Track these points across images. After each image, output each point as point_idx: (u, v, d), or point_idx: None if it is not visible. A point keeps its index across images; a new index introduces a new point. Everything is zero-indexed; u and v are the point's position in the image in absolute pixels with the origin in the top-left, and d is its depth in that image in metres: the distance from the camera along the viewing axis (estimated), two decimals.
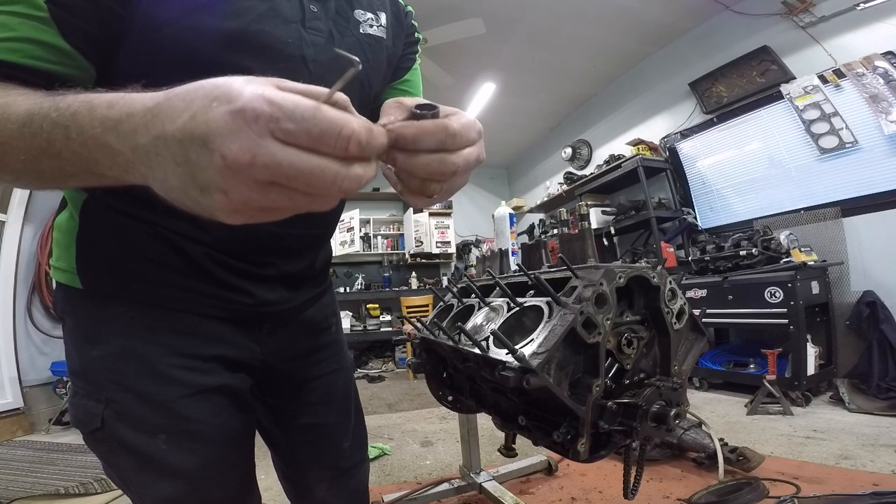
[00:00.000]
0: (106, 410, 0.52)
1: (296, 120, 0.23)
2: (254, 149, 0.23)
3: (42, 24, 0.40)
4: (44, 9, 0.39)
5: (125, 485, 0.56)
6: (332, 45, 0.57)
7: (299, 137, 0.24)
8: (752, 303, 2.50)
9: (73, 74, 0.44)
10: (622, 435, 0.54)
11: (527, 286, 0.68)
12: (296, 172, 0.24)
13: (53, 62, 0.41)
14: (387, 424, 2.57)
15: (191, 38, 0.47)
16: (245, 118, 0.23)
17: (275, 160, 0.23)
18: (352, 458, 0.76)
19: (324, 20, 0.57)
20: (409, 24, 0.73)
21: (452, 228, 5.56)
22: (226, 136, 0.23)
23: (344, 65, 0.27)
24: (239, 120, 0.23)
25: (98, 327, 0.54)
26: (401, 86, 0.75)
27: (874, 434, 1.81)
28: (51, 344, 2.98)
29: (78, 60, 0.43)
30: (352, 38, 0.60)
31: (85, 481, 1.77)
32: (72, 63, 0.43)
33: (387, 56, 0.67)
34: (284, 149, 0.23)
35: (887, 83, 2.42)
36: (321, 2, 0.57)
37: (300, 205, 0.26)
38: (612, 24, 3.39)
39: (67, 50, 0.42)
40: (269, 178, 0.24)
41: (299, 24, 0.54)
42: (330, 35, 0.57)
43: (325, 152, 0.25)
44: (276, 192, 0.25)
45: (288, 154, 0.23)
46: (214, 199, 0.25)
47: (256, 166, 0.23)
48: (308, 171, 0.24)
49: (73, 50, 0.42)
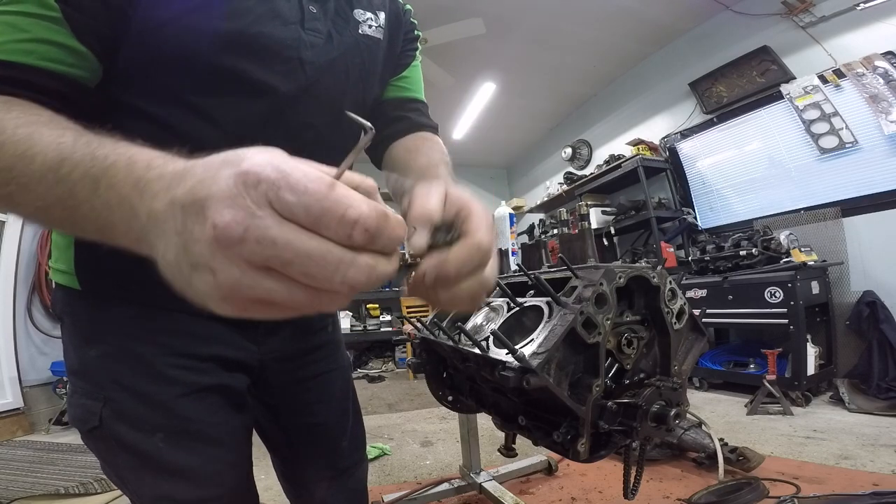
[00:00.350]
0: (104, 409, 0.52)
1: (297, 192, 0.20)
2: (247, 220, 0.20)
3: (55, 25, 0.38)
4: (56, 8, 0.38)
5: (123, 483, 0.56)
6: (331, 45, 0.57)
7: (298, 214, 0.20)
8: (752, 303, 2.50)
9: (87, 77, 0.43)
10: (622, 435, 0.54)
11: (527, 286, 0.68)
12: (291, 255, 0.20)
13: (69, 64, 0.41)
14: (387, 424, 2.57)
15: (190, 38, 0.47)
16: (246, 182, 0.20)
17: (268, 235, 0.20)
18: (350, 457, 0.76)
19: (323, 21, 0.57)
20: (408, 22, 0.73)
21: None
22: (222, 202, 0.20)
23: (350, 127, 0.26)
24: (240, 184, 0.20)
25: (96, 327, 0.54)
26: (399, 82, 0.74)
27: (874, 434, 1.81)
28: (51, 344, 2.98)
29: (91, 62, 0.43)
30: (350, 39, 0.60)
31: (85, 481, 1.77)
32: (86, 65, 0.42)
33: (384, 56, 0.67)
34: (281, 225, 0.20)
35: (887, 83, 2.42)
36: (321, 2, 0.57)
37: (299, 300, 0.22)
38: (612, 24, 3.39)
39: (81, 51, 0.41)
40: (262, 259, 0.20)
41: (298, 25, 0.54)
42: (329, 36, 0.57)
43: (326, 236, 0.21)
44: (270, 281, 0.21)
45: (284, 231, 0.20)
46: (203, 279, 0.21)
47: (247, 242, 0.20)
48: (305, 254, 0.20)
49: (87, 51, 0.41)
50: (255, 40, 0.50)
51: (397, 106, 0.74)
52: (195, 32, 0.47)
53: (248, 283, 0.21)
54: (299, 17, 0.54)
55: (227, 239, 0.20)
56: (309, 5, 0.55)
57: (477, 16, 3.02)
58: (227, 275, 0.21)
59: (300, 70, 0.54)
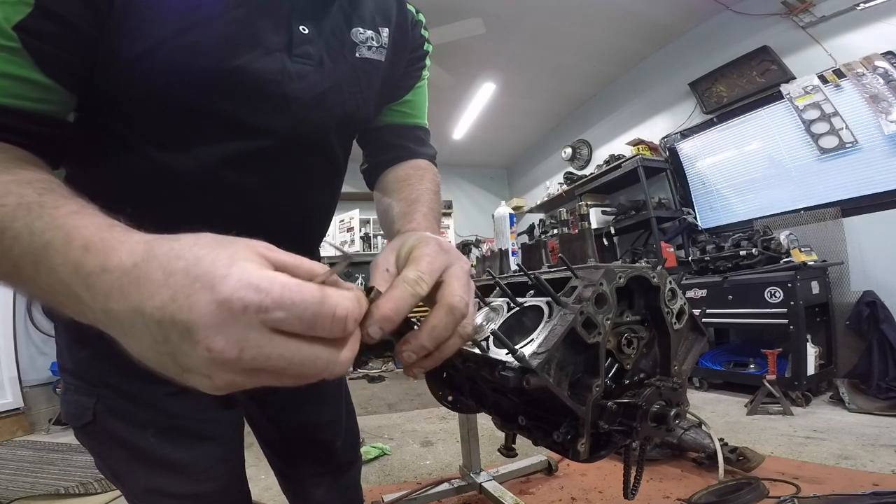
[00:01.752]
0: (97, 405, 0.53)
1: (285, 307, 0.21)
2: (242, 342, 0.21)
3: (14, 56, 0.35)
4: (14, 38, 0.34)
5: (116, 478, 0.57)
6: (323, 72, 0.52)
7: (292, 325, 0.22)
8: (752, 303, 2.50)
9: (57, 111, 0.40)
10: (622, 435, 0.54)
11: (527, 286, 0.68)
12: (286, 364, 0.22)
13: (35, 99, 0.37)
14: (387, 424, 2.57)
15: (162, 76, 0.43)
16: (232, 310, 0.21)
17: (263, 353, 0.22)
18: (344, 456, 0.77)
19: (315, 43, 0.51)
20: (417, 37, 0.67)
21: (452, 228, 5.57)
22: (211, 328, 0.21)
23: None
24: (225, 312, 0.21)
25: (85, 330, 0.54)
26: (401, 107, 0.71)
27: (874, 434, 1.81)
28: (51, 344, 2.97)
29: (58, 94, 0.39)
30: (345, 65, 0.55)
31: (85, 481, 1.77)
32: (54, 98, 0.38)
33: (383, 78, 0.62)
34: (273, 340, 0.22)
35: (887, 83, 2.42)
36: (314, 22, 0.51)
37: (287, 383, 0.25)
38: (612, 24, 3.39)
39: (46, 83, 0.37)
40: (257, 367, 0.22)
41: (284, 53, 0.48)
42: (320, 63, 0.52)
43: (321, 336, 0.23)
44: (263, 377, 0.23)
45: (276, 346, 0.22)
46: (197, 380, 0.23)
47: (244, 360, 0.21)
48: (298, 363, 0.23)
49: (53, 83, 0.37)
50: (233, 76, 0.45)
51: (398, 133, 0.71)
52: (168, 70, 0.42)
53: (242, 380, 0.23)
54: (286, 43, 0.48)
55: (223, 361, 0.21)
56: (299, 26, 0.49)
57: (477, 16, 3.02)
58: (224, 379, 0.22)
59: (285, 109, 0.50)
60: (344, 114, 0.57)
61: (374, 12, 0.59)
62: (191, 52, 0.43)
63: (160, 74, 0.43)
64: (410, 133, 0.72)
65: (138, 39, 0.41)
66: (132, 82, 0.43)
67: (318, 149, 0.58)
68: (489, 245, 5.24)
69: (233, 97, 0.47)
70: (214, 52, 0.44)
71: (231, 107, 0.47)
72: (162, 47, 0.42)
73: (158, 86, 0.43)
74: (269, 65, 0.47)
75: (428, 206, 0.60)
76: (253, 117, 0.49)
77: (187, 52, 0.43)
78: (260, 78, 0.47)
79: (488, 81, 4.09)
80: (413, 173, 0.68)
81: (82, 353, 0.54)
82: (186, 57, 0.43)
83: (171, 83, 0.43)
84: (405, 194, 0.62)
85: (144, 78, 0.43)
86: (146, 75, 0.42)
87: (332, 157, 0.62)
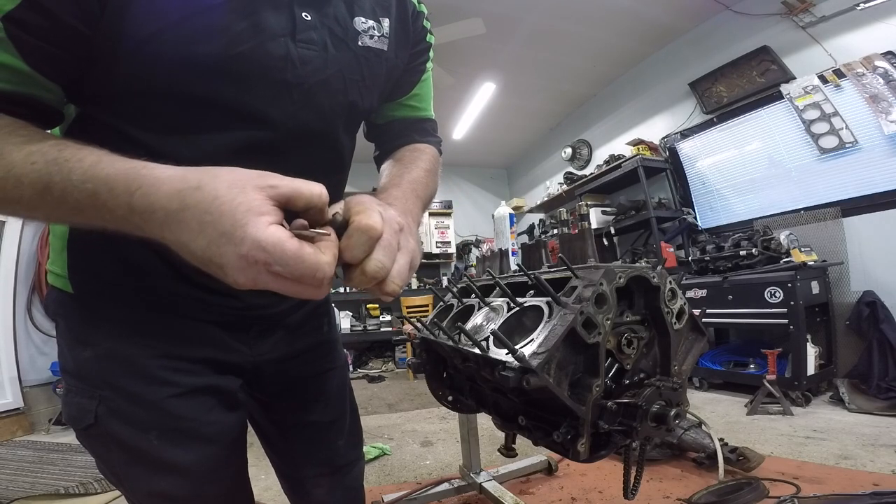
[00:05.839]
0: (99, 407, 0.52)
1: (283, 264, 0.32)
2: (254, 278, 0.32)
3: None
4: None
5: (118, 480, 0.57)
6: (326, 58, 0.53)
7: (287, 274, 0.32)
8: (752, 303, 2.50)
9: (41, 95, 0.42)
10: (622, 435, 0.54)
11: (527, 286, 0.68)
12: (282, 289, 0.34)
13: (16, 83, 0.39)
14: (387, 424, 2.57)
15: (165, 66, 0.43)
16: (248, 261, 0.31)
17: (267, 284, 0.33)
18: (347, 456, 0.76)
19: (319, 29, 0.51)
20: (419, 29, 0.67)
21: (452, 228, 5.56)
22: (236, 269, 0.32)
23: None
24: (244, 262, 0.31)
25: (88, 330, 0.55)
26: (409, 101, 0.72)
27: (874, 434, 1.81)
28: (51, 344, 2.97)
29: (42, 82, 0.41)
30: (348, 53, 0.55)
31: (85, 481, 1.77)
32: (36, 85, 0.40)
33: (387, 69, 0.62)
34: (275, 278, 0.33)
35: (887, 83, 2.42)
36: (317, 9, 0.51)
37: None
38: (612, 24, 3.38)
39: (27, 72, 0.39)
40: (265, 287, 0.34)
41: (288, 38, 0.49)
42: (324, 47, 0.52)
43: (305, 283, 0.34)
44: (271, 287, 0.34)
45: (275, 282, 0.33)
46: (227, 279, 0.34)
47: (257, 286, 0.33)
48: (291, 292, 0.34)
49: (36, 73, 0.39)
50: (235, 64, 0.46)
51: (407, 126, 0.73)
52: (171, 57, 0.43)
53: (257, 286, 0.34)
54: (290, 28, 0.49)
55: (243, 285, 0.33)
56: (302, 12, 0.50)
57: (477, 16, 3.02)
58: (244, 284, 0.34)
59: (286, 95, 0.50)
60: (347, 102, 0.58)
61: (374, 3, 0.59)
62: (194, 39, 0.43)
63: (163, 62, 0.43)
64: (419, 125, 0.74)
65: (141, 26, 0.41)
66: (136, 72, 0.44)
67: (323, 139, 0.58)
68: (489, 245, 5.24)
69: (237, 84, 0.47)
70: (218, 38, 0.44)
71: (235, 93, 0.48)
72: (164, 34, 0.42)
73: (162, 74, 0.44)
74: (273, 49, 0.48)
75: (411, 184, 0.59)
76: (257, 104, 0.49)
77: (190, 38, 0.43)
78: (262, 63, 0.47)
79: (488, 81, 4.09)
80: (408, 154, 0.69)
81: (85, 354, 0.54)
82: (189, 44, 0.43)
83: (175, 71, 0.44)
84: (394, 171, 0.64)
85: (148, 66, 0.43)
86: (149, 63, 0.43)
87: (338, 149, 0.62)
